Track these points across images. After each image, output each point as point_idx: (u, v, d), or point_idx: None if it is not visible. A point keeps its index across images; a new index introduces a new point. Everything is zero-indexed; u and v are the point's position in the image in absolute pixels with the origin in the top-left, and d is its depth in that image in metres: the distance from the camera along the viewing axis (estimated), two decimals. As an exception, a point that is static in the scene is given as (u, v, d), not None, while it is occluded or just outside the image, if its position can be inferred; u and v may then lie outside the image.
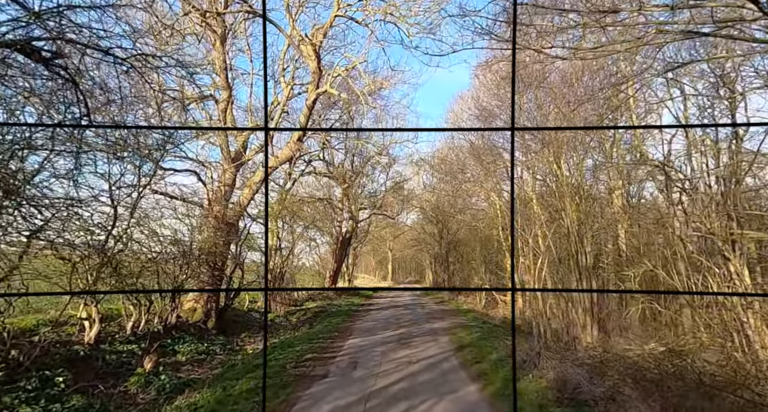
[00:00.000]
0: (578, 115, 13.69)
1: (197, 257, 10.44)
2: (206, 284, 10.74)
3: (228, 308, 11.78)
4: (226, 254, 11.23)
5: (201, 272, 10.76)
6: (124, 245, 7.92)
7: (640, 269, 8.58)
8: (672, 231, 13.30)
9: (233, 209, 11.36)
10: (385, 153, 18.27)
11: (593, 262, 13.71)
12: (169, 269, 9.26)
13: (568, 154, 14.34)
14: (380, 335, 11.27)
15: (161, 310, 8.92)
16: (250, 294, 15.89)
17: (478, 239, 25.64)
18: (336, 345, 9.51)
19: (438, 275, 31.70)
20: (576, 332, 12.61)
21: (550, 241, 14.63)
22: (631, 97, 13.61)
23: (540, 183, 16.70)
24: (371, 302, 22.19)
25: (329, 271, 23.73)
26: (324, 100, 16.83)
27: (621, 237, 14.76)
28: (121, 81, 8.20)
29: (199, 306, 10.49)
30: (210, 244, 10.88)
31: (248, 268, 12.82)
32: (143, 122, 8.84)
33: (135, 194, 7.47)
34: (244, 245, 12.42)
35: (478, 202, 27.32)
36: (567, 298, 13.62)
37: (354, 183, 22.74)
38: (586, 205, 13.71)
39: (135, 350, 7.26)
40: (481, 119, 17.45)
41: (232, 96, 12.32)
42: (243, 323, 12.46)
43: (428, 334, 11.84)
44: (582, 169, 14.34)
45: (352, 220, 24.24)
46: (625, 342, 11.65)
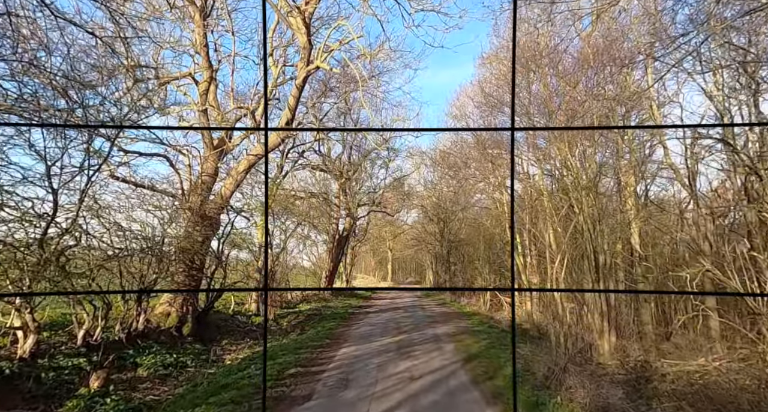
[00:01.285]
0: (592, 105, 12.52)
1: (170, 255, 9.24)
2: (181, 285, 9.54)
3: (208, 312, 10.58)
4: (206, 251, 10.03)
5: (176, 272, 9.56)
6: (76, 240, 6.71)
7: (695, 270, 7.32)
8: (697, 229, 12.05)
9: (214, 201, 10.16)
10: (384, 146, 17.06)
11: (610, 261, 12.52)
12: (135, 267, 8.05)
13: (582, 145, 13.14)
14: (378, 343, 10.07)
15: (124, 315, 7.71)
16: (237, 296, 14.70)
17: (482, 237, 24.44)
18: (326, 356, 8.30)
19: (439, 276, 30.51)
20: (591, 338, 11.45)
21: (563, 239, 13.49)
22: (649, 88, 12.45)
23: (549, 177, 15.53)
24: (369, 304, 20.99)
25: (325, 271, 22.52)
26: (318, 87, 15.65)
27: (634, 236, 13.66)
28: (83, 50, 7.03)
29: (174, 310, 9.29)
30: (187, 240, 9.68)
31: (233, 267, 11.64)
32: (109, 99, 7.64)
33: (85, 179, 6.26)
34: (228, 241, 11.23)
35: (481, 199, 26.20)
36: (581, 301, 12.47)
37: (352, 178, 21.53)
38: (599, 201, 12.55)
39: (82, 364, 6.05)
40: (487, 107, 16.25)
41: (215, 77, 11.12)
42: (226, 329, 11.26)
43: (431, 341, 10.64)
44: (593, 162, 13.16)
45: (349, 217, 23.03)
46: (657, 353, 10.42)
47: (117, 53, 7.46)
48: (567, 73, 13.57)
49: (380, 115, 16.78)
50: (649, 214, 16.26)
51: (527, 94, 14.45)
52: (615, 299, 12.56)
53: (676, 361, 6.62)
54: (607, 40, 12.14)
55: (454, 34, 38.94)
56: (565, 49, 14.02)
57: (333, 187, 22.38)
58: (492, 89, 16.67)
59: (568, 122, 13.19)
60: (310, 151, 15.17)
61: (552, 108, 13.31)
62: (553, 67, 13.99)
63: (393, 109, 15.16)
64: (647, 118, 13.56)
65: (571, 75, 13.42)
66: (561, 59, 13.85)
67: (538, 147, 13.95)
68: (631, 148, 12.71)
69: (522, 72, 14.34)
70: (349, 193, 22.72)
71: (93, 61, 7.25)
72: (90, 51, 7.43)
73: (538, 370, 7.32)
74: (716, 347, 7.07)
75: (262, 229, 14.64)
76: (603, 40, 12.28)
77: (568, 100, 14.07)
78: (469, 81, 31.99)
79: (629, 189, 13.72)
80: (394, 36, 21.11)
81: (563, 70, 13.82)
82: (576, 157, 12.79)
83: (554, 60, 14.02)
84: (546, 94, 13.49)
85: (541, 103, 14.59)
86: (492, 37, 18.38)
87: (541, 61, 13.93)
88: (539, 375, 7.02)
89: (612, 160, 13.17)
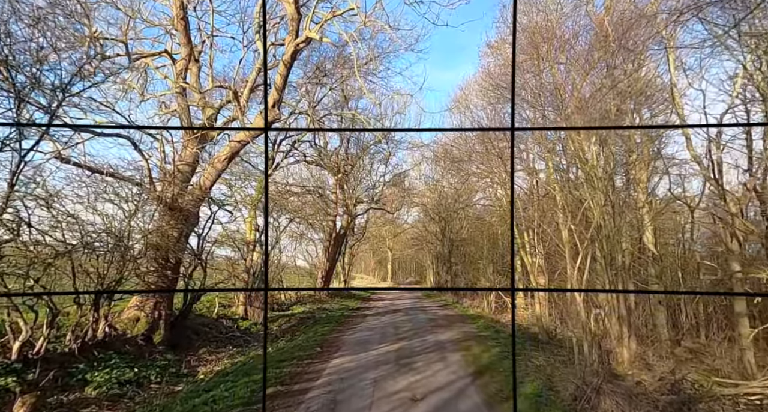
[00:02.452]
0: (605, 94, 11.46)
1: (140, 252, 8.13)
2: (154, 287, 8.43)
3: (186, 316, 9.46)
4: (182, 248, 8.91)
5: (147, 271, 8.45)
6: (11, 233, 5.60)
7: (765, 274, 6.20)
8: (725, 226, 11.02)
9: (191, 193, 9.05)
10: (384, 137, 15.92)
11: (629, 261, 11.43)
12: (93, 266, 6.94)
13: (599, 134, 12.01)
14: (374, 352, 8.95)
15: (77, 322, 6.59)
16: (223, 297, 13.59)
17: (486, 236, 23.33)
18: (315, 369, 7.18)
19: (440, 276, 29.43)
20: (609, 345, 10.36)
21: (583, 236, 12.41)
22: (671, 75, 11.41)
23: (557, 172, 14.45)
24: (367, 306, 19.87)
25: (321, 270, 21.40)
26: (311, 75, 14.53)
27: (647, 235, 12.58)
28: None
29: (143, 314, 8.18)
30: (159, 235, 8.57)
31: (218, 266, 10.54)
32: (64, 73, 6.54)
33: (16, 158, 5.14)
34: (210, 237, 10.13)
35: (485, 196, 25.13)
36: (597, 304, 11.38)
37: (350, 173, 20.41)
38: (617, 195, 11.46)
39: (11, 385, 4.93)
40: (495, 95, 15.13)
41: (196, 57, 10.01)
42: (207, 334, 10.15)
43: (435, 349, 9.52)
44: (610, 153, 12.06)
45: (347, 215, 21.90)
46: (675, 360, 9.36)
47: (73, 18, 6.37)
48: (579, 58, 12.47)
49: (380, 108, 15.67)
50: (665, 210, 15.14)
51: (537, 83, 13.35)
52: (635, 302, 11.46)
53: (735, 381, 5.49)
54: (622, 22, 11.05)
55: (461, 10, 37.19)
56: (577, 35, 12.96)
57: (329, 182, 21.26)
58: (499, 77, 15.57)
59: (580, 110, 12.11)
60: (304, 143, 14.08)
61: (565, 95, 12.21)
62: (566, 50, 12.90)
63: (393, 97, 14.02)
64: (663, 109, 12.49)
65: (584, 60, 12.32)
66: (573, 44, 12.76)
67: (549, 139, 12.85)
68: (643, 141, 11.61)
69: (532, 58, 13.24)
70: (346, 189, 21.60)
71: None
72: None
73: (564, 389, 6.21)
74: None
75: (251, 225, 13.54)
76: (619, 22, 11.20)
77: (580, 89, 13.00)
78: (473, 73, 30.87)
79: (641, 185, 12.68)
80: (393, 14, 19.81)
81: (575, 55, 12.73)
82: (591, 148, 11.69)
83: (566, 44, 12.94)
84: (558, 80, 12.37)
85: (551, 92, 13.50)
86: (499, 24, 17.26)
87: (552, 44, 12.84)
88: (566, 395, 5.91)
89: (621, 154, 12.10)
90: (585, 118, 11.56)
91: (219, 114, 10.25)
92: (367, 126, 15.43)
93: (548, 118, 12.54)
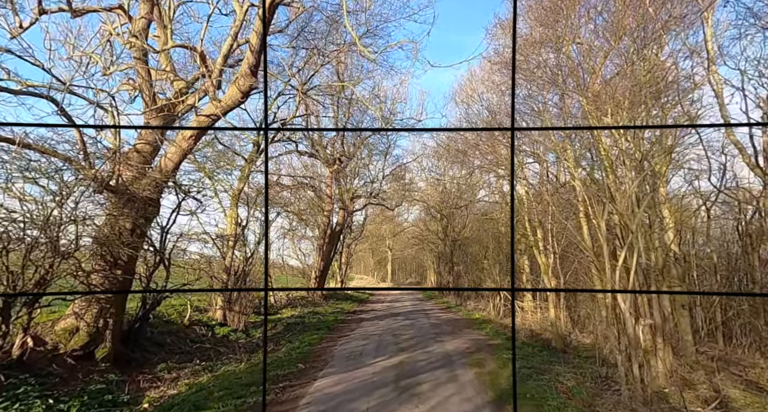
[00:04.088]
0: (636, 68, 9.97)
1: (81, 247, 6.56)
2: (97, 288, 6.85)
3: (144, 324, 7.89)
4: (137, 242, 7.33)
5: (93, 270, 6.88)
6: None
7: None
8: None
9: (150, 177, 7.47)
10: (381, 115, 14.24)
11: (662, 262, 9.87)
12: (3, 262, 5.35)
13: (631, 112, 10.46)
14: (369, 368, 7.37)
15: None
16: (199, 299, 12.02)
17: (492, 235, 21.79)
18: (290, 397, 5.60)
19: (442, 277, 27.88)
20: (638, 357, 8.78)
21: (600, 235, 10.84)
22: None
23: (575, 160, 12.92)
24: (364, 309, 18.29)
25: (315, 270, 19.81)
26: (305, 53, 12.93)
27: (668, 233, 11.09)
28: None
29: (83, 324, 6.59)
30: (109, 227, 7.00)
31: (186, 263, 8.98)
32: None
33: None
34: (174, 230, 8.55)
35: (491, 193, 23.61)
36: (635, 309, 9.81)
37: (347, 163, 18.81)
38: (642, 187, 9.92)
39: None
40: (504, 74, 13.55)
41: (160, 15, 8.42)
42: (172, 346, 8.57)
43: (442, 364, 7.95)
44: (641, 138, 10.51)
45: (342, 210, 20.33)
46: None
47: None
48: (606, 30, 10.91)
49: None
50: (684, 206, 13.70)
51: (556, 60, 11.79)
52: (670, 308, 9.93)
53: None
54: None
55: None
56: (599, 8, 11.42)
57: (322, 172, 19.64)
58: (508, 55, 13.98)
59: (607, 88, 10.58)
60: (290, 124, 12.45)
61: (593, 67, 10.64)
62: (591, 19, 11.35)
63: (394, 78, 12.39)
64: (695, 86, 10.98)
65: (609, 32, 10.75)
66: (601, 10, 11.20)
67: (574, 115, 11.25)
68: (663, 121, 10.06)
69: (552, 31, 11.68)
70: (342, 182, 20.02)
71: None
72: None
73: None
74: None
75: (232, 218, 11.97)
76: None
77: (601, 68, 11.47)
78: (483, 52, 29.28)
79: (662, 179, 11.20)
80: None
81: (601, 27, 11.19)
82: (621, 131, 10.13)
83: (591, 12, 11.39)
84: (585, 50, 10.79)
85: (572, 70, 11.95)
86: (507, 2, 15.69)
87: (576, 12, 11.29)
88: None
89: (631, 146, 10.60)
90: (611, 95, 10.01)
91: (189, 88, 8.65)
92: (370, 106, 13.80)
93: (572, 97, 10.96)
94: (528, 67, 12.43)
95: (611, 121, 9.99)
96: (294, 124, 13.23)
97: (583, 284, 13.65)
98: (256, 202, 12.78)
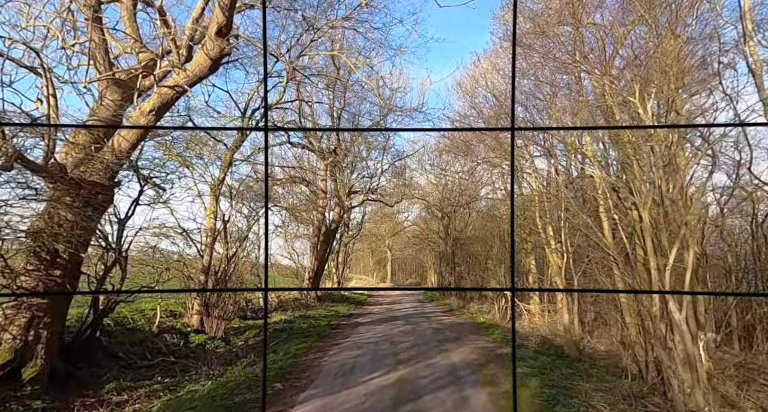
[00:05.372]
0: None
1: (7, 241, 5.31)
2: (30, 291, 5.61)
3: (92, 334, 6.64)
4: (83, 236, 6.08)
5: (26, 270, 5.64)
6: None
7: None
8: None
9: (100, 159, 6.23)
10: (380, 96, 12.93)
11: (694, 261, 8.59)
12: None
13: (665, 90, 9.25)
14: (362, 388, 6.12)
15: None
16: (177, 302, 10.79)
17: (497, 234, 20.57)
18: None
19: (443, 278, 26.65)
20: (672, 371, 7.57)
21: (622, 231, 9.69)
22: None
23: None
24: (361, 312, 17.03)
25: (309, 270, 18.55)
26: (294, 29, 11.68)
27: (690, 231, 9.76)
28: None
29: (7, 337, 5.35)
30: (44, 220, 5.77)
31: (138, 261, 7.73)
32: None
33: None
34: (134, 224, 7.30)
35: (496, 189, 22.41)
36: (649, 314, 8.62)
37: (343, 154, 17.54)
38: (673, 179, 8.71)
39: None
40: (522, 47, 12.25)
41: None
42: (128, 360, 7.30)
43: (448, 382, 6.71)
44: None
45: (339, 206, 19.06)
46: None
47: None
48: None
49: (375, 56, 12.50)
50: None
51: (574, 36, 10.54)
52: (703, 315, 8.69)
53: None
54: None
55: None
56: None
57: (317, 165, 18.37)
58: (520, 37, 12.72)
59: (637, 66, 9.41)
60: (275, 107, 11.19)
61: (619, 39, 9.41)
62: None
63: (393, 58, 11.10)
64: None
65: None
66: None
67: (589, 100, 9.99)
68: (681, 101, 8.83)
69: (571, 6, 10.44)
70: (338, 177, 18.76)
71: None
72: None
73: None
74: None
75: (212, 212, 10.73)
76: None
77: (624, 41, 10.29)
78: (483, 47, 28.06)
79: (680, 173, 9.95)
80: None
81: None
82: (648, 108, 8.96)
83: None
84: (609, 22, 9.56)
85: (592, 48, 10.74)
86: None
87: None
88: None
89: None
90: (640, 73, 8.77)
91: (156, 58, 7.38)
92: (371, 86, 12.51)
93: (594, 74, 9.71)
94: (544, 44, 11.14)
95: (637, 99, 8.76)
96: (284, 107, 11.98)
97: (600, 285, 12.42)
98: (240, 195, 11.54)
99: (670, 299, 5.57)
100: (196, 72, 6.65)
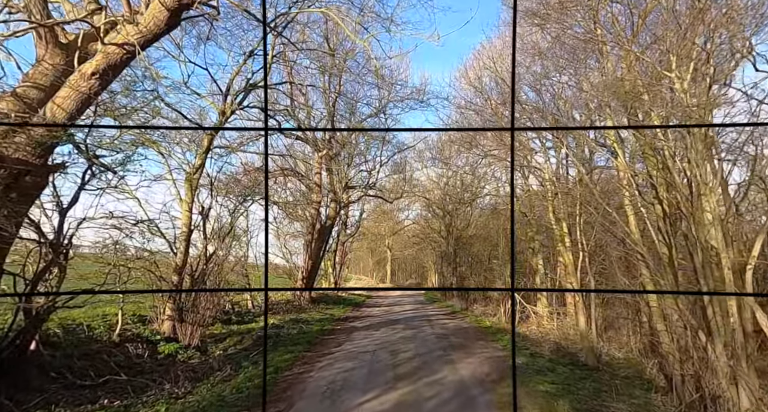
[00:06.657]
0: None
1: None
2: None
3: (24, 346, 5.40)
4: (5, 226, 4.85)
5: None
6: None
7: None
8: None
9: (31, 131, 5.01)
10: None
11: (736, 264, 7.43)
12: None
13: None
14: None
15: None
16: (144, 306, 9.54)
17: (502, 232, 19.39)
18: None
19: (445, 278, 25.46)
20: (714, 387, 6.42)
21: (651, 228, 8.55)
22: None
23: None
24: (358, 315, 15.79)
25: (303, 270, 17.31)
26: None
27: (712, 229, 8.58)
28: None
29: None
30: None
31: (83, 258, 6.50)
32: None
33: None
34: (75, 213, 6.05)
35: (501, 185, 21.18)
36: (695, 323, 7.54)
37: (338, 148, 16.31)
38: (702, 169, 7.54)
39: None
40: (521, 43, 11.04)
41: None
42: (75, 377, 6.05)
43: (458, 406, 5.47)
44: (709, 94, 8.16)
45: (335, 202, 17.83)
46: None
47: None
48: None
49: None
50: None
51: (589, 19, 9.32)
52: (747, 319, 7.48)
53: None
54: None
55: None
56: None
57: (310, 157, 17.12)
58: (525, 31, 11.50)
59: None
60: (257, 88, 9.93)
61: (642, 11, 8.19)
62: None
63: (396, 39, 9.93)
64: None
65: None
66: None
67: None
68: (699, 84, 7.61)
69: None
70: (334, 171, 17.53)
71: None
72: None
73: None
74: None
75: (187, 203, 9.49)
76: None
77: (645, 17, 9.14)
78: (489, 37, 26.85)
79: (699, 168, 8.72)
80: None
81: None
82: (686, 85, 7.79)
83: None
84: None
85: (608, 30, 9.57)
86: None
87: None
88: None
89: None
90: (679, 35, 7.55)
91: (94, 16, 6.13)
92: (378, 73, 11.29)
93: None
94: (562, 20, 9.88)
95: (674, 71, 7.57)
96: (276, 89, 10.74)
97: (617, 286, 11.21)
98: (221, 187, 10.30)
99: (756, 307, 4.33)
100: (150, 27, 5.41)
